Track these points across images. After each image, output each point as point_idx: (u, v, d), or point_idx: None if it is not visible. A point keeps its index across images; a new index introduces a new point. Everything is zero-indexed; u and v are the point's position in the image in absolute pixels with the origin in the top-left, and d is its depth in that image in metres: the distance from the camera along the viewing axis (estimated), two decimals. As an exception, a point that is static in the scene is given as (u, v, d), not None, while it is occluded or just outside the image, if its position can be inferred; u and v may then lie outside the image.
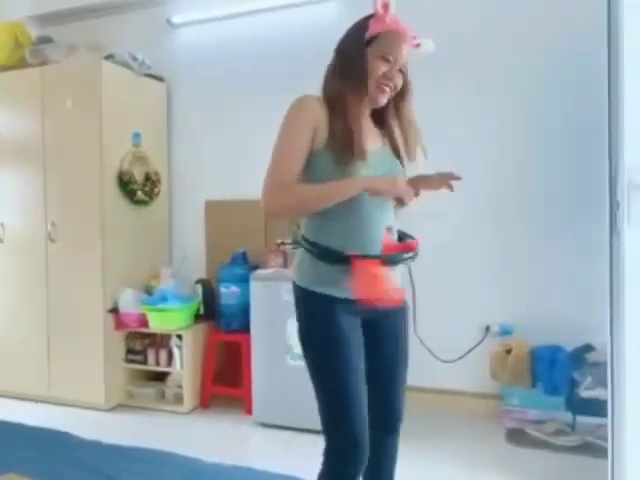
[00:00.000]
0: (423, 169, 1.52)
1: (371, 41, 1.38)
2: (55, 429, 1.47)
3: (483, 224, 2.91)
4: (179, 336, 3.06)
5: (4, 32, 3.28)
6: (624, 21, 1.65)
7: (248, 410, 2.92)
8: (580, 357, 2.55)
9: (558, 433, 2.49)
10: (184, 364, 3.04)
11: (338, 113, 1.36)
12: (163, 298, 3.04)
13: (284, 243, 2.98)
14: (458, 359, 2.89)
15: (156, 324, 3.04)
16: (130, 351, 3.18)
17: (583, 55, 2.59)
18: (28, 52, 3.24)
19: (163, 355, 3.11)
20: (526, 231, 2.84)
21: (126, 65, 3.21)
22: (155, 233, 3.49)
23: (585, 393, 2.46)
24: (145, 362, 3.15)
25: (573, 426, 2.50)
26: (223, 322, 3.10)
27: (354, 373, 1.37)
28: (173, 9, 3.49)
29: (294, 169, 1.36)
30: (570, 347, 2.60)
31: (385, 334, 1.51)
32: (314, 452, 1.46)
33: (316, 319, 1.40)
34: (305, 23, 3.21)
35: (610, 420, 1.73)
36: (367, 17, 1.42)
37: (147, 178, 3.33)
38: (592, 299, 2.57)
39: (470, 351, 2.89)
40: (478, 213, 2.91)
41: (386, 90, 1.41)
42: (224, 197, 3.42)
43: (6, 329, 3.33)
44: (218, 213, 3.44)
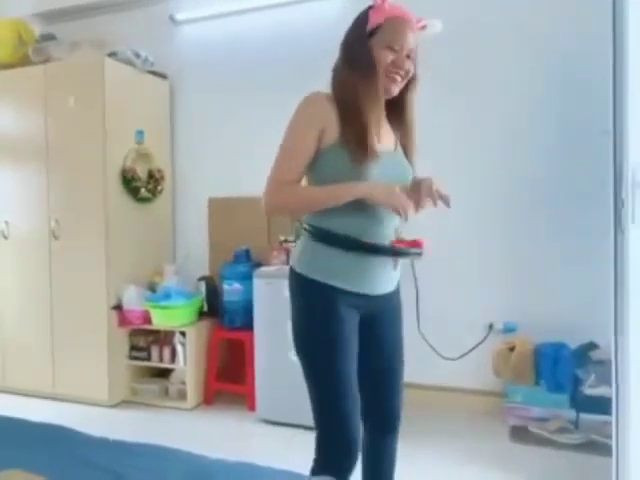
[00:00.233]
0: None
1: (374, 32, 1.37)
2: (60, 425, 1.47)
3: (487, 222, 2.90)
4: (182, 333, 3.07)
5: (7, 29, 3.29)
6: (629, 20, 1.64)
7: (251, 407, 2.93)
8: (584, 355, 2.54)
9: (562, 431, 2.49)
10: (187, 361, 3.05)
11: (350, 110, 1.33)
12: (167, 295, 3.04)
13: (287, 240, 2.99)
14: (461, 356, 2.89)
15: (160, 321, 3.05)
16: (134, 348, 3.19)
17: (588, 54, 2.59)
18: (31, 50, 3.25)
19: (167, 352, 3.12)
20: (530, 229, 2.83)
21: (129, 62, 3.21)
22: (158, 230, 3.50)
23: (589, 391, 2.46)
24: (149, 359, 3.16)
25: (577, 424, 2.50)
26: (226, 319, 3.10)
27: (349, 370, 1.36)
28: (176, 6, 3.49)
29: (297, 168, 1.35)
30: (574, 345, 2.59)
31: (383, 333, 1.49)
32: (317, 449, 1.46)
33: (317, 311, 1.37)
34: (309, 19, 3.20)
35: (614, 418, 1.73)
36: (367, 8, 1.41)
37: (150, 175, 3.33)
38: (596, 297, 2.56)
39: (473, 349, 2.89)
40: (482, 211, 2.90)
41: (397, 79, 1.38)
42: (227, 194, 3.42)
43: (11, 326, 3.34)
44: (221, 210, 3.44)
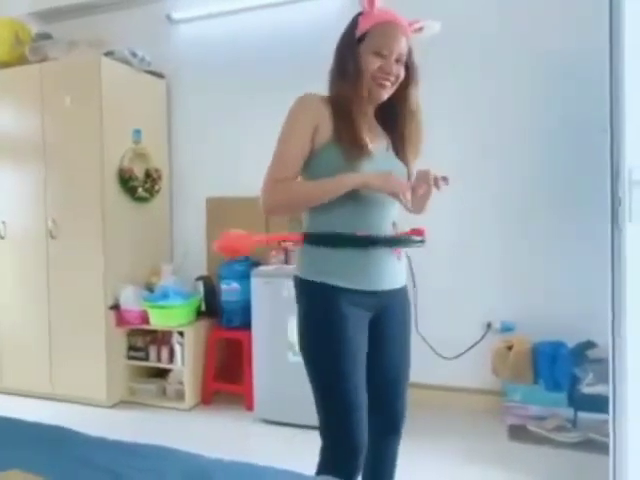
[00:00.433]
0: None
1: (362, 38, 1.38)
2: (58, 425, 1.47)
3: (484, 222, 2.90)
4: (180, 333, 3.06)
5: (4, 28, 3.28)
6: (625, 19, 1.64)
7: (249, 407, 2.93)
8: (581, 353, 2.55)
9: (559, 429, 2.49)
10: (185, 361, 3.05)
11: (342, 112, 1.35)
12: (164, 295, 3.04)
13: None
14: (459, 356, 2.89)
15: (157, 321, 3.05)
16: (132, 348, 3.18)
17: (586, 52, 2.58)
18: (28, 49, 3.24)
19: (164, 352, 3.11)
20: (527, 228, 2.84)
21: (126, 62, 3.20)
22: (156, 230, 3.49)
23: (587, 389, 2.46)
24: (147, 359, 3.16)
25: (574, 422, 2.51)
26: (224, 319, 3.10)
27: (355, 372, 1.35)
28: (173, 5, 3.48)
29: (292, 167, 1.36)
30: (571, 343, 2.60)
31: (390, 333, 1.48)
32: (315, 448, 1.46)
33: (320, 313, 1.37)
34: (307, 19, 3.20)
35: (612, 416, 1.73)
36: (357, 15, 1.41)
37: (147, 175, 3.32)
38: (593, 295, 2.57)
39: (471, 348, 2.90)
40: (480, 211, 2.90)
41: (386, 84, 1.39)
42: (225, 194, 3.41)
43: (8, 326, 3.33)
44: (219, 210, 3.44)
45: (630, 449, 1.70)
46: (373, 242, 1.36)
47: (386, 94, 1.41)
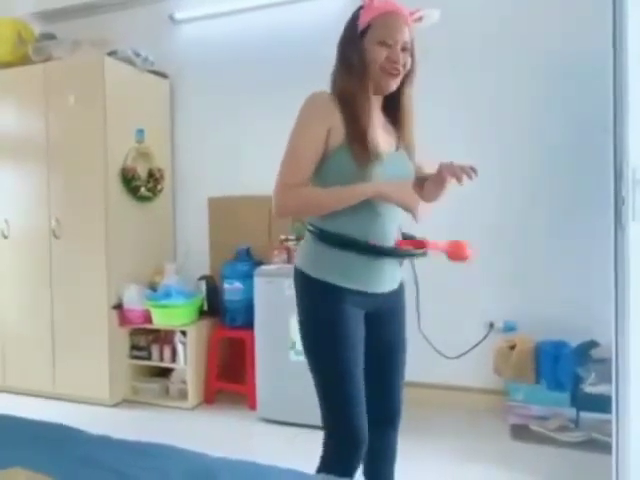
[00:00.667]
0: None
1: (365, 31, 1.37)
2: (61, 424, 1.47)
3: (487, 221, 2.90)
4: (183, 332, 3.07)
5: (7, 28, 3.29)
6: (628, 19, 1.64)
7: (252, 406, 2.93)
8: (584, 353, 2.55)
9: (562, 429, 2.49)
10: (188, 360, 3.05)
11: (349, 112, 1.34)
12: (167, 294, 3.04)
13: (288, 239, 2.99)
14: (462, 355, 2.89)
15: (160, 320, 3.05)
16: (134, 347, 3.19)
17: (590, 51, 2.58)
18: (32, 49, 3.24)
19: (167, 351, 3.12)
20: (530, 227, 2.83)
21: (129, 61, 3.21)
22: (159, 229, 3.50)
23: (589, 389, 2.46)
24: (149, 358, 3.16)
25: (577, 422, 2.50)
26: (227, 318, 3.10)
27: (355, 367, 1.38)
28: (176, 5, 3.49)
29: (306, 170, 1.35)
30: (574, 343, 2.60)
31: (386, 331, 1.51)
32: (317, 448, 1.46)
33: (323, 309, 1.39)
34: (310, 18, 3.20)
35: (614, 416, 1.73)
36: (358, 9, 1.41)
37: (150, 174, 3.33)
38: (596, 294, 2.57)
39: (474, 347, 2.89)
40: (482, 210, 2.90)
41: (394, 73, 1.37)
42: (227, 193, 3.41)
43: (11, 325, 3.34)
44: (221, 209, 3.44)
45: (633, 449, 1.70)
46: (382, 252, 1.39)
47: (395, 84, 1.40)
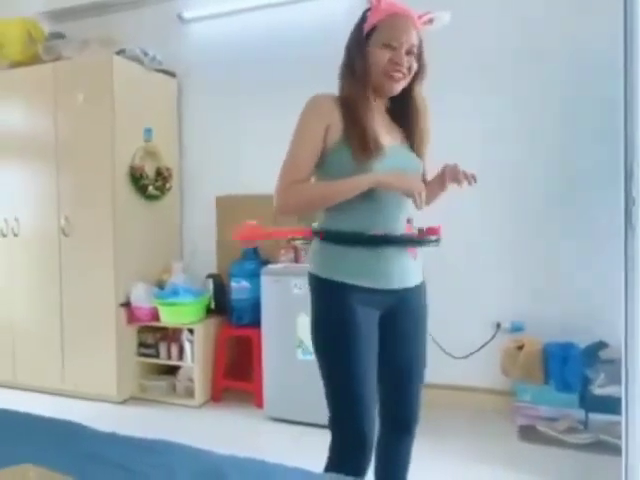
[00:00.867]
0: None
1: (371, 33, 1.37)
2: (69, 420, 1.48)
3: (495, 221, 2.89)
4: (190, 330, 3.08)
5: (17, 28, 3.31)
6: (640, 18, 1.63)
7: (259, 404, 2.94)
8: (593, 354, 2.53)
9: (571, 430, 2.47)
10: (195, 358, 3.07)
11: (350, 112, 1.35)
12: (175, 292, 3.06)
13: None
14: (469, 355, 2.88)
15: (168, 318, 3.07)
16: (142, 345, 3.21)
17: (600, 52, 2.57)
18: (42, 48, 3.27)
19: (174, 349, 3.13)
20: (538, 228, 2.81)
21: (137, 60, 3.22)
22: (166, 228, 3.51)
23: (598, 390, 2.44)
24: (157, 356, 3.18)
25: (586, 424, 2.48)
26: (234, 316, 3.11)
27: (366, 368, 1.35)
28: (184, 4, 3.50)
29: (306, 168, 1.36)
30: (581, 344, 2.58)
31: (403, 332, 1.47)
32: (324, 447, 1.46)
33: (333, 309, 1.37)
34: (318, 17, 3.19)
35: (624, 418, 1.72)
36: (365, 11, 1.41)
37: (158, 173, 3.34)
38: (605, 295, 2.55)
39: (481, 348, 2.88)
40: (490, 210, 2.88)
41: (397, 76, 1.37)
42: (235, 192, 3.42)
43: (21, 323, 3.37)
44: (229, 208, 3.45)
45: (642, 451, 1.69)
46: (388, 241, 1.36)
47: (399, 87, 1.40)
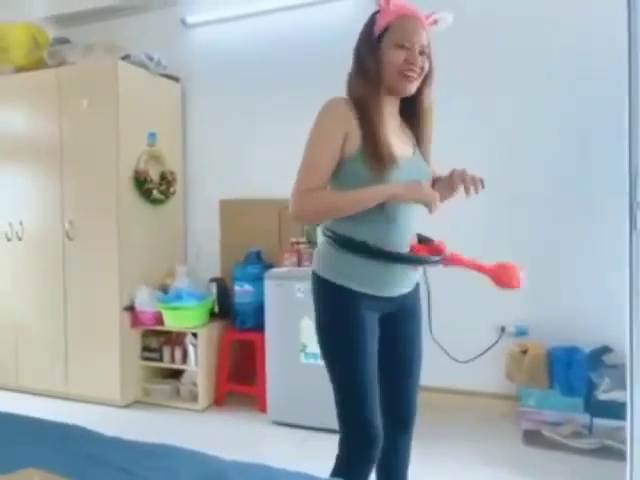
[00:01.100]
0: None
1: (382, 35, 1.37)
2: (73, 424, 1.48)
3: (499, 224, 2.88)
4: (194, 334, 3.08)
5: (22, 32, 3.33)
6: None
7: (262, 408, 2.93)
8: (598, 359, 2.52)
9: (575, 435, 2.46)
10: (199, 362, 3.07)
11: (364, 117, 1.35)
12: (178, 296, 3.06)
13: (298, 242, 2.99)
14: (473, 359, 2.86)
15: (171, 322, 3.07)
16: (146, 348, 3.21)
17: (604, 54, 2.56)
18: (46, 53, 3.28)
19: (178, 353, 3.13)
20: (542, 231, 2.81)
21: (142, 65, 3.24)
22: (170, 232, 3.52)
23: (603, 395, 2.43)
24: (161, 359, 3.18)
25: (590, 428, 2.47)
26: (238, 320, 3.11)
27: (371, 368, 1.39)
28: (188, 9, 3.51)
29: (323, 175, 1.36)
30: (586, 348, 2.57)
31: (401, 333, 1.52)
32: (328, 451, 1.46)
33: (340, 313, 1.40)
34: (321, 21, 3.20)
35: (629, 423, 1.71)
36: (374, 13, 1.41)
37: (163, 177, 3.36)
38: (610, 299, 2.54)
39: (485, 352, 2.87)
40: (494, 214, 2.88)
41: (412, 76, 1.37)
42: (238, 196, 3.43)
43: (24, 326, 3.38)
44: (232, 212, 3.45)
45: (648, 456, 1.67)
46: (399, 259, 1.39)
47: (413, 87, 1.40)
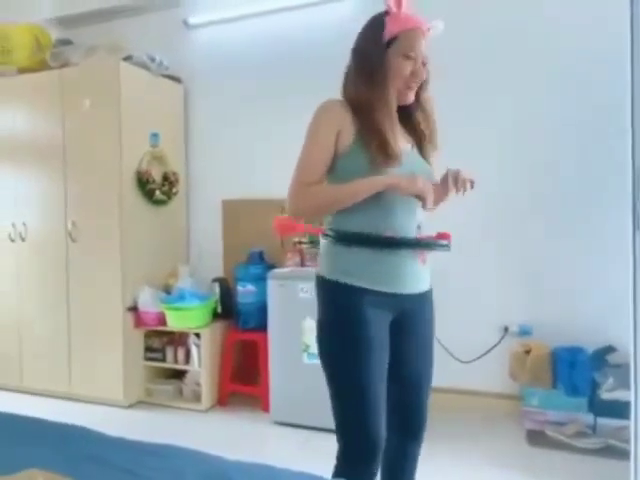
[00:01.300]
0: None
1: (391, 41, 1.37)
2: (77, 424, 1.48)
3: (503, 224, 2.87)
4: (197, 334, 3.09)
5: (25, 34, 3.34)
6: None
7: (265, 408, 2.94)
8: (601, 358, 2.51)
9: (579, 435, 2.45)
10: (202, 362, 3.07)
11: (364, 115, 1.35)
12: (181, 297, 3.07)
13: (301, 242, 2.99)
14: (476, 359, 2.86)
15: (174, 322, 3.07)
16: (149, 349, 3.22)
17: (606, 53, 2.55)
18: (49, 55, 3.29)
19: (181, 353, 3.14)
20: (545, 230, 2.80)
21: (144, 66, 3.24)
22: (173, 232, 3.53)
23: (606, 395, 2.42)
24: (164, 360, 3.19)
25: (594, 428, 2.46)
26: (240, 321, 3.11)
27: (374, 373, 1.33)
28: (190, 10, 3.52)
29: (318, 171, 1.37)
30: (590, 347, 2.56)
31: (413, 338, 1.46)
32: (330, 451, 1.46)
33: (339, 312, 1.37)
34: (322, 22, 3.20)
35: (632, 422, 1.70)
36: (381, 15, 1.40)
37: (165, 178, 3.36)
38: (614, 299, 2.53)
39: (488, 352, 2.86)
40: (497, 213, 2.87)
41: (414, 87, 1.41)
42: (241, 197, 3.43)
43: (28, 327, 3.39)
44: (235, 212, 3.46)
45: (652, 456, 1.67)
46: (398, 244, 1.36)
47: (413, 96, 1.44)
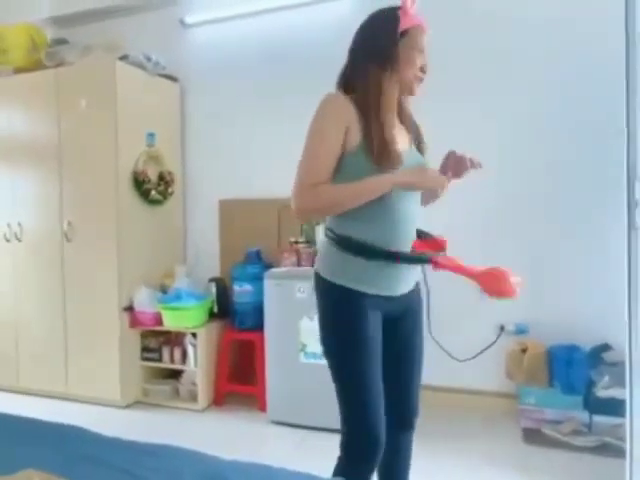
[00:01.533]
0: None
1: (403, 34, 1.38)
2: (74, 425, 1.48)
3: (498, 223, 2.88)
4: (193, 334, 3.08)
5: (20, 34, 3.33)
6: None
7: (262, 408, 2.93)
8: (597, 356, 2.52)
9: (575, 433, 2.46)
10: (198, 362, 3.07)
11: (371, 107, 1.34)
12: (178, 296, 3.06)
13: (297, 242, 2.99)
14: (472, 358, 2.86)
15: (171, 322, 3.07)
16: (145, 349, 3.21)
17: (603, 53, 2.56)
18: (45, 54, 3.28)
19: (178, 353, 3.13)
20: (542, 229, 2.81)
21: (140, 66, 3.24)
22: (169, 232, 3.52)
23: (602, 393, 2.43)
24: (160, 360, 3.18)
25: (590, 426, 2.47)
26: (237, 320, 3.11)
27: (375, 370, 1.39)
28: (186, 9, 3.51)
29: (325, 169, 1.34)
30: (586, 345, 2.57)
31: (403, 333, 1.52)
32: (327, 451, 1.46)
33: (344, 314, 1.40)
34: (320, 21, 3.20)
35: (628, 420, 1.71)
36: (393, 9, 1.40)
37: (161, 178, 3.35)
38: (609, 297, 2.54)
39: (484, 350, 2.86)
40: (493, 211, 2.88)
41: (422, 80, 1.44)
42: (238, 196, 3.43)
43: (23, 327, 3.38)
44: (232, 212, 3.45)
45: (647, 454, 1.68)
46: (402, 259, 1.39)
47: (419, 90, 1.45)
